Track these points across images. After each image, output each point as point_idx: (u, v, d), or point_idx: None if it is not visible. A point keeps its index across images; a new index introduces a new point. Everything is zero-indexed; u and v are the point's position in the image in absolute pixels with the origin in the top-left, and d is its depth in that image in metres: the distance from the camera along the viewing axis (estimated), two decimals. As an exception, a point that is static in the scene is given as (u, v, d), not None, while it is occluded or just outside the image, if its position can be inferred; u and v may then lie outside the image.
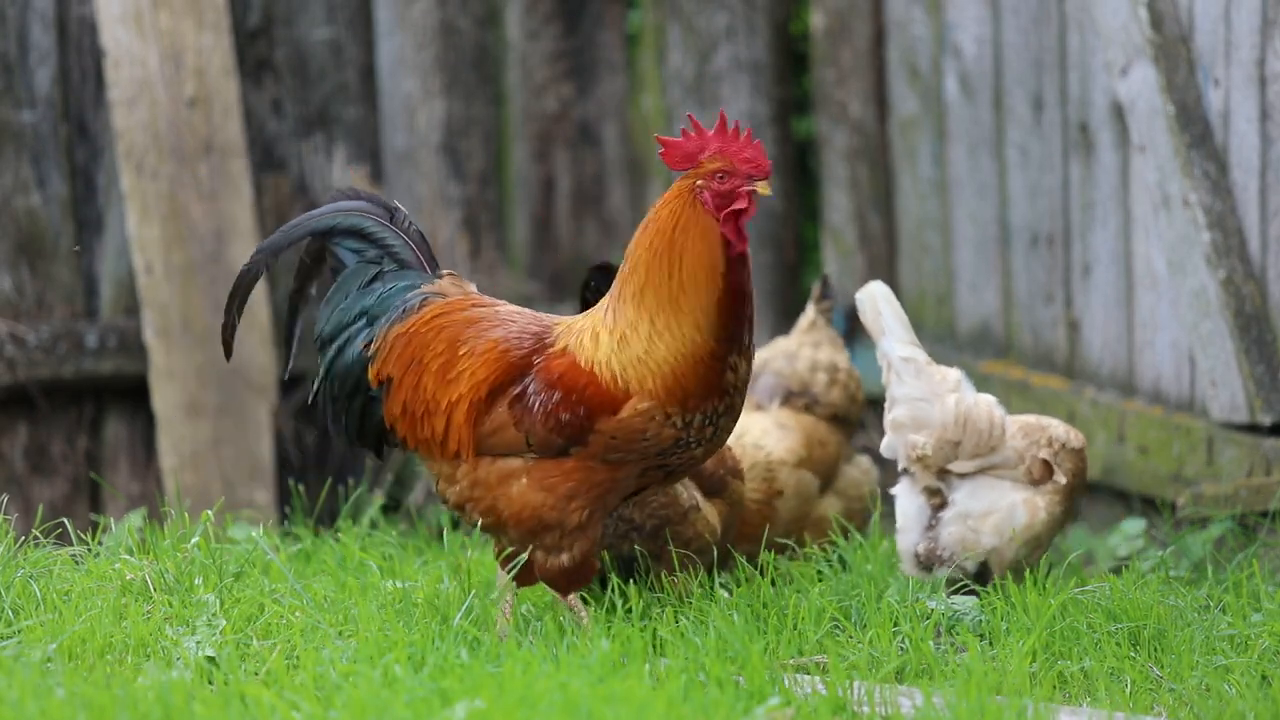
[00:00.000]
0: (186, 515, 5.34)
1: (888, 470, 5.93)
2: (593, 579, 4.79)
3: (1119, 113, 6.55)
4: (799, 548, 5.51)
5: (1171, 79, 6.24)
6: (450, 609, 4.86)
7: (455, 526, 6.07)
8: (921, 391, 5.21)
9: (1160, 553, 5.88)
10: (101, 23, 7.04)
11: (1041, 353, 7.02)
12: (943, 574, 5.17)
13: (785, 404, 5.80)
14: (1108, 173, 6.66)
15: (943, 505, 5.24)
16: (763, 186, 4.65)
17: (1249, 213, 6.14)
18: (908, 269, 7.54)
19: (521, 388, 4.69)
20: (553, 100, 7.67)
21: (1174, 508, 6.32)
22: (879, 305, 5.26)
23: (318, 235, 4.87)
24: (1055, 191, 6.89)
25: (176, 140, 7.09)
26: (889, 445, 5.26)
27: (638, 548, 5.03)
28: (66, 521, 5.52)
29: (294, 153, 7.39)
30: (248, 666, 4.49)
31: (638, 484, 4.73)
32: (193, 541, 5.15)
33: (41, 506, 6.69)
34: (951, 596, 5.03)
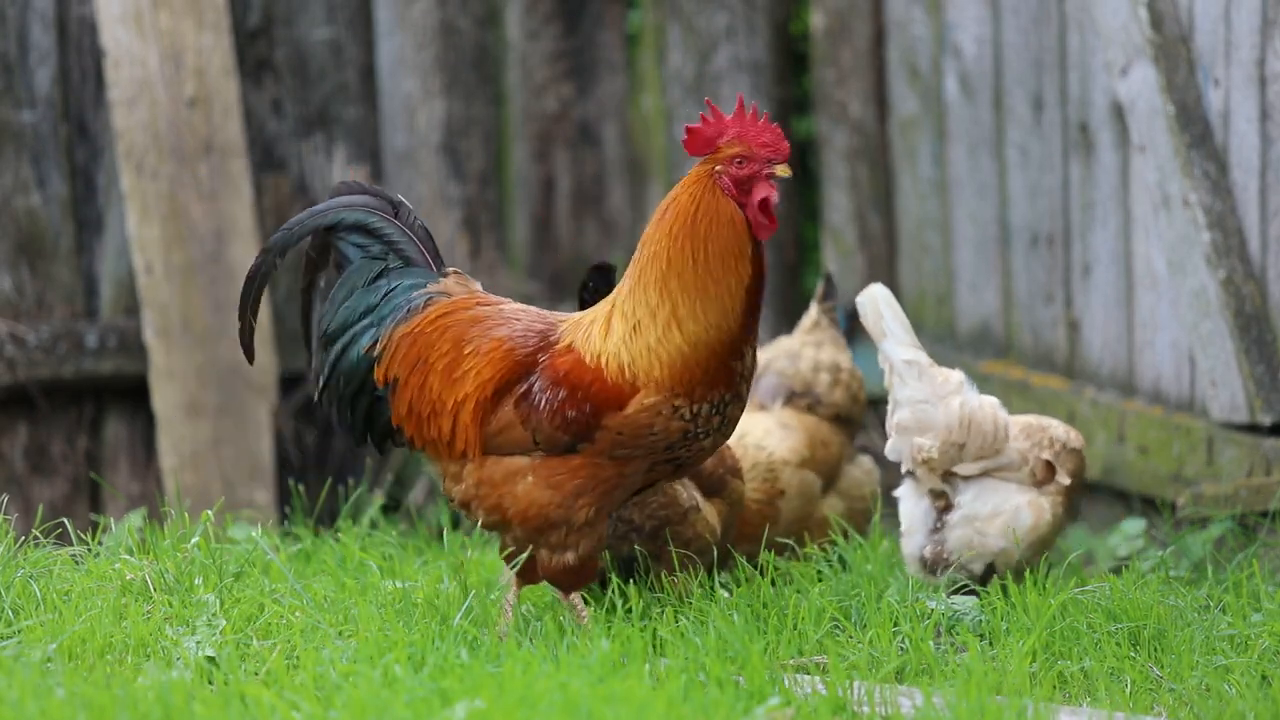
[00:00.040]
0: (186, 515, 5.33)
1: (889, 470, 5.92)
2: (595, 578, 4.79)
3: (1119, 113, 6.55)
4: (800, 548, 5.51)
5: (1171, 79, 6.24)
6: (450, 609, 4.86)
7: (455, 526, 6.07)
8: (925, 394, 5.21)
9: (1160, 553, 5.88)
10: (101, 23, 7.03)
11: (1041, 353, 7.02)
12: (953, 577, 5.17)
13: (788, 404, 5.80)
14: (1108, 173, 6.66)
15: (948, 508, 5.23)
16: (782, 169, 4.64)
17: (1249, 213, 6.14)
18: (908, 269, 7.54)
19: (527, 386, 4.68)
20: (553, 100, 7.67)
21: (1174, 508, 6.32)
22: (880, 308, 5.25)
23: (322, 231, 4.85)
24: (1055, 191, 6.89)
25: (176, 140, 7.09)
26: (894, 448, 5.25)
27: (638, 548, 5.03)
28: (66, 521, 5.51)
29: (294, 153, 7.38)
30: (248, 666, 4.49)
31: (646, 479, 4.72)
32: (193, 541, 5.14)
33: (41, 506, 6.69)
34: (951, 596, 5.02)
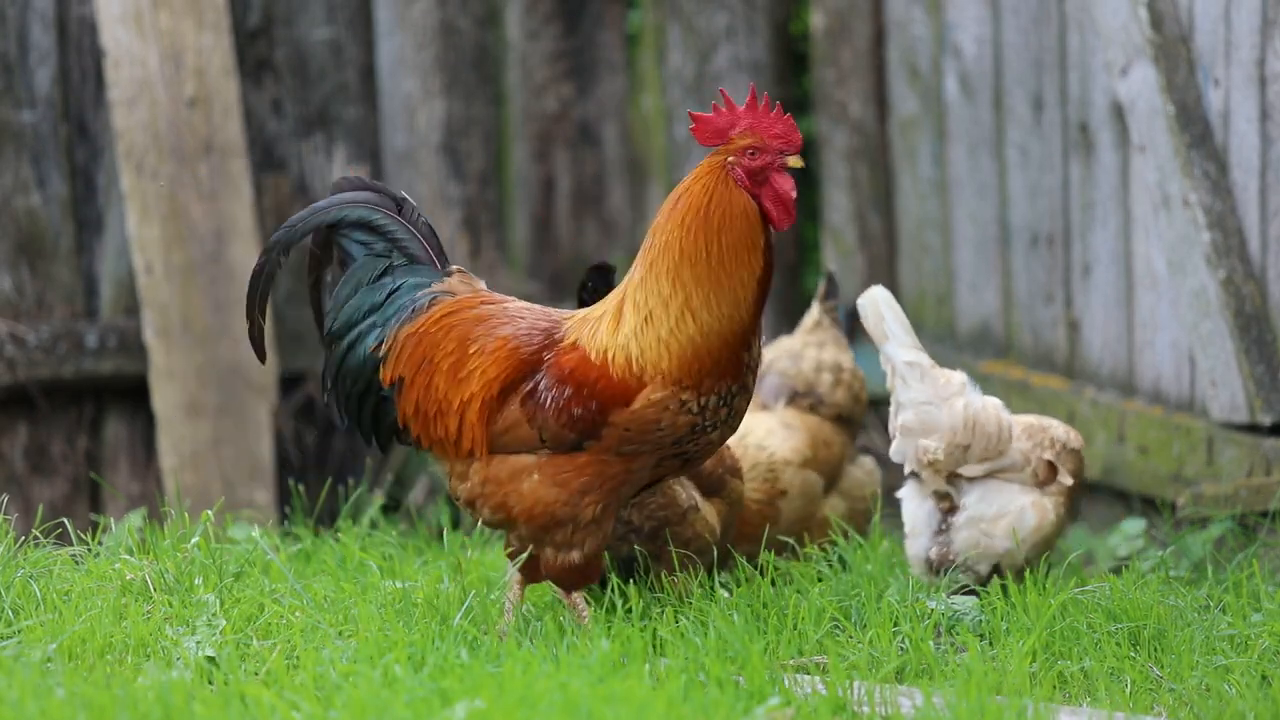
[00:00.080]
0: (186, 515, 5.33)
1: (890, 471, 5.92)
2: (599, 577, 4.77)
3: (1119, 113, 6.55)
4: (800, 548, 5.51)
5: (1171, 79, 6.24)
6: (450, 609, 4.85)
7: (455, 526, 6.07)
8: (928, 395, 5.20)
9: (1160, 553, 5.88)
10: (101, 23, 7.03)
11: (1041, 353, 7.02)
12: (957, 578, 5.17)
13: (790, 404, 5.80)
14: (1108, 173, 6.66)
15: (952, 509, 5.22)
16: (794, 161, 4.64)
17: (1249, 213, 6.14)
18: (908, 269, 7.54)
19: (533, 384, 4.67)
20: (553, 100, 7.67)
21: (1174, 508, 6.32)
22: (881, 310, 5.25)
23: (325, 229, 4.83)
24: (1055, 191, 6.89)
25: (176, 140, 7.09)
26: (898, 450, 5.24)
27: (637, 548, 5.03)
28: (66, 521, 5.51)
29: (294, 153, 7.38)
30: (248, 666, 4.49)
31: (653, 474, 4.70)
32: (193, 541, 5.14)
33: (41, 506, 6.68)
34: (951, 596, 5.02)
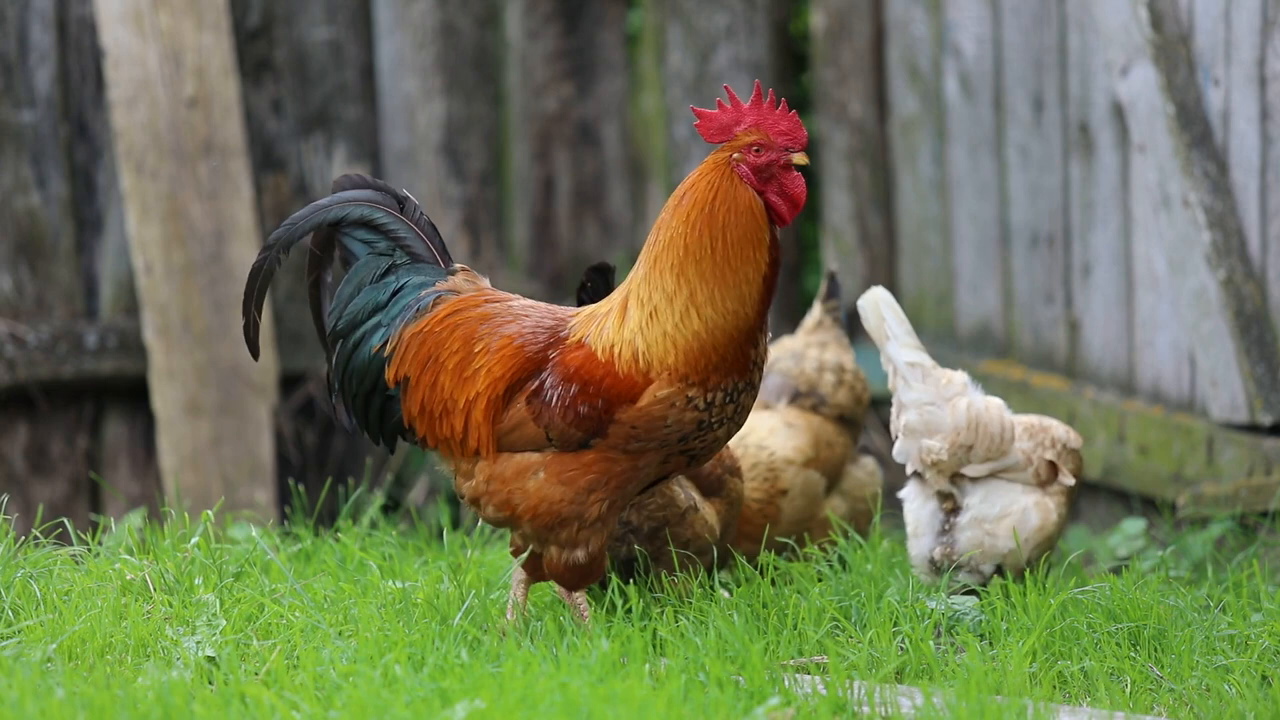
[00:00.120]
0: (186, 515, 5.33)
1: (891, 471, 5.92)
2: (601, 576, 4.77)
3: (1119, 113, 6.55)
4: (799, 548, 5.51)
5: (1171, 79, 6.24)
6: (450, 609, 4.85)
7: (455, 526, 6.06)
8: (930, 396, 5.20)
9: (1160, 553, 5.88)
10: (101, 23, 7.03)
11: (1042, 353, 7.02)
12: (960, 579, 5.16)
13: (793, 404, 5.79)
14: (1108, 173, 6.66)
15: (955, 510, 5.22)
16: (799, 157, 4.63)
17: (1249, 213, 6.14)
18: (908, 269, 7.54)
19: (539, 383, 4.66)
20: (553, 100, 7.67)
21: (1174, 508, 6.32)
22: (882, 311, 5.24)
23: (327, 227, 4.81)
24: (1055, 191, 6.89)
25: (176, 140, 7.09)
26: (901, 450, 5.23)
27: (637, 548, 5.02)
28: (66, 521, 5.51)
29: (294, 153, 7.38)
30: (248, 666, 4.48)
31: (659, 471, 4.69)
32: (193, 541, 5.14)
33: (41, 506, 6.68)
34: (951, 596, 5.02)
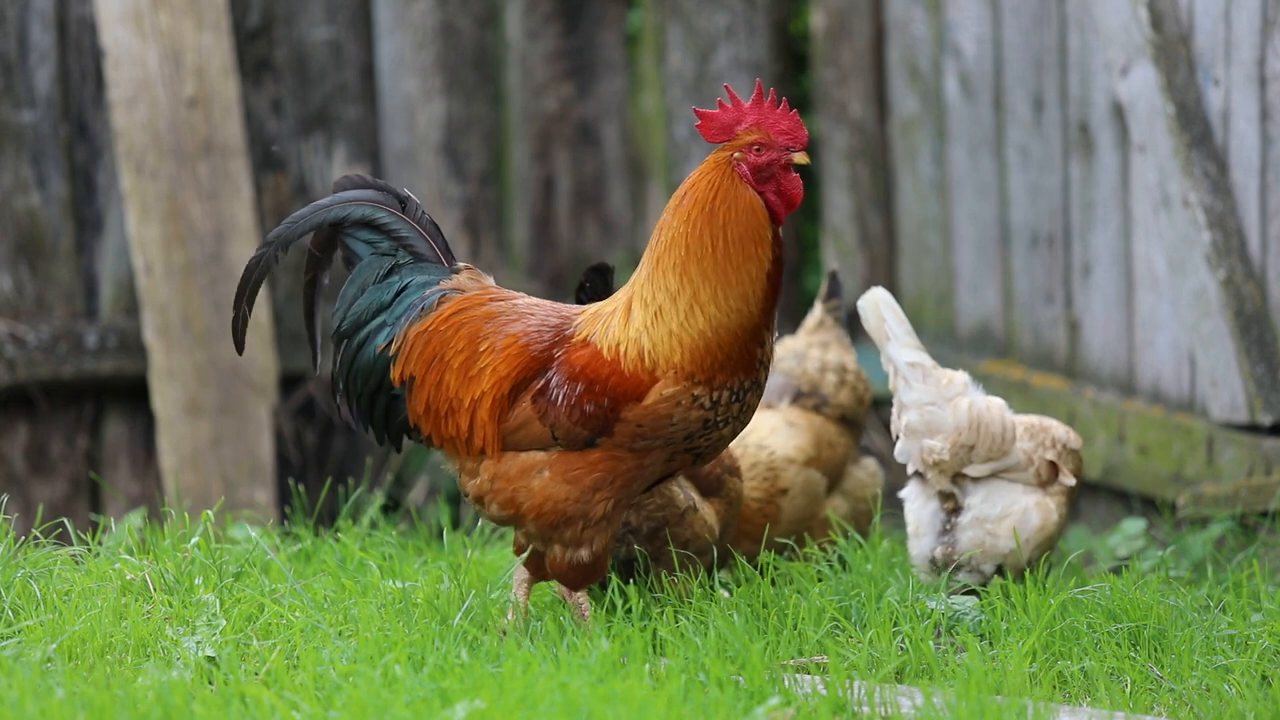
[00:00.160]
0: (186, 515, 5.33)
1: (892, 471, 5.91)
2: (603, 575, 4.76)
3: (1119, 113, 6.55)
4: (800, 548, 5.50)
5: (1171, 79, 6.24)
6: (450, 609, 4.85)
7: (455, 526, 6.06)
8: (932, 396, 5.20)
9: (1160, 553, 5.88)
10: (101, 23, 7.03)
11: (1042, 353, 7.02)
12: (961, 579, 5.16)
13: (795, 404, 5.79)
14: (1108, 173, 6.66)
15: (956, 510, 5.22)
16: (800, 157, 4.63)
17: (1249, 213, 6.14)
18: (908, 269, 7.54)
19: (544, 382, 4.66)
20: (553, 100, 7.67)
21: (1174, 508, 6.32)
22: (882, 311, 5.25)
23: (329, 227, 4.80)
24: (1055, 191, 6.89)
25: (176, 140, 7.09)
26: (903, 450, 5.23)
27: (637, 548, 5.02)
28: (66, 521, 5.50)
29: (294, 152, 7.38)
30: (248, 666, 4.48)
31: (665, 469, 4.69)
32: (193, 541, 5.14)
33: (41, 506, 6.68)
34: (951, 596, 5.02)
